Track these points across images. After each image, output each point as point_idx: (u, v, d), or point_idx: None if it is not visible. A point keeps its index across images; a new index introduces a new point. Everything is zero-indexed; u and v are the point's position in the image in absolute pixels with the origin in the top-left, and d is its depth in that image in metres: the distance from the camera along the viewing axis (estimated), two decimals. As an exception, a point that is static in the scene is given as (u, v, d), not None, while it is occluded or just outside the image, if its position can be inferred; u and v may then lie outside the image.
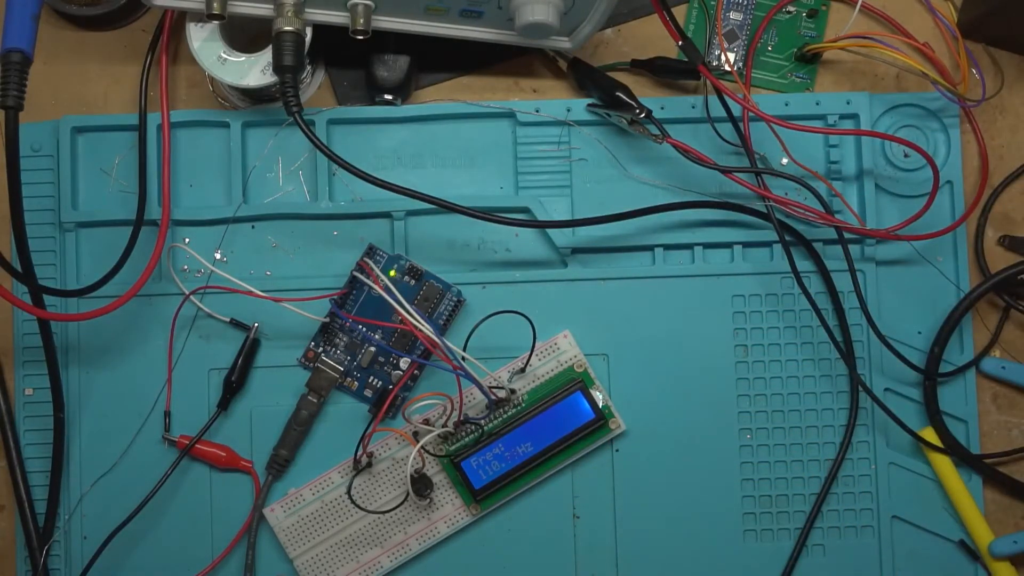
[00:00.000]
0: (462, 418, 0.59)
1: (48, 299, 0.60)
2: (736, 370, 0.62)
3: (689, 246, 0.63)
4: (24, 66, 0.52)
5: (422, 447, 0.59)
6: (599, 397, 0.61)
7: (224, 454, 0.61)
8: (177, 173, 0.62)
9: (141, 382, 0.61)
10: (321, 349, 0.62)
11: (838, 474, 0.62)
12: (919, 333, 0.63)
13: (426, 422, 0.60)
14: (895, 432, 0.62)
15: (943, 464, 0.62)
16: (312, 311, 0.60)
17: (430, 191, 0.57)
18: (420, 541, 0.61)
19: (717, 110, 0.61)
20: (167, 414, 0.61)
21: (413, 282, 0.62)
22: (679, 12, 0.65)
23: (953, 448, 0.61)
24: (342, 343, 0.62)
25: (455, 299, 0.61)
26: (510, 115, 0.63)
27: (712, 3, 0.65)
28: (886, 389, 0.63)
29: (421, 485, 0.60)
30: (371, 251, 0.62)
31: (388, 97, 0.62)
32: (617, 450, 0.62)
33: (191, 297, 0.61)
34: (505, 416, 0.61)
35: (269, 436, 0.61)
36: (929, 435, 0.62)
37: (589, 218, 0.59)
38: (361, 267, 0.61)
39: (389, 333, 0.62)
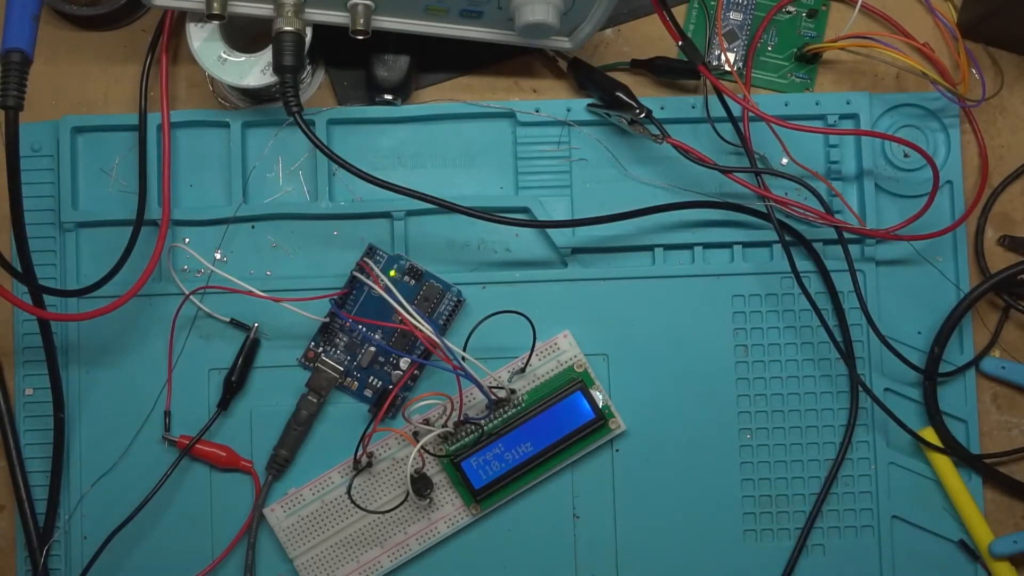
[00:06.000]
0: (462, 418, 0.59)
1: (48, 299, 0.60)
2: (736, 370, 0.62)
3: (689, 246, 0.63)
4: (24, 66, 0.52)
5: (422, 447, 0.59)
6: (599, 397, 0.61)
7: (224, 454, 0.61)
8: (177, 173, 0.62)
9: (141, 382, 0.61)
10: (321, 349, 0.62)
11: (838, 474, 0.62)
12: (919, 333, 0.63)
13: (426, 422, 0.60)
14: (895, 432, 0.62)
15: (943, 464, 0.62)
16: (312, 311, 0.60)
17: (430, 191, 0.57)
18: (420, 541, 0.61)
19: (717, 110, 0.61)
20: (167, 414, 0.61)
21: (413, 282, 0.62)
22: (679, 12, 0.65)
23: (953, 448, 0.61)
24: (342, 343, 0.62)
25: (455, 299, 0.61)
26: (510, 115, 0.63)
27: (712, 3, 0.65)
28: (886, 389, 0.63)
29: (421, 485, 0.60)
30: (371, 251, 0.62)
31: (388, 97, 0.62)
32: (617, 450, 0.62)
33: (191, 297, 0.61)
34: (505, 416, 0.61)
35: (269, 436, 0.61)
36: (929, 435, 0.62)
37: (589, 218, 0.59)
38: (361, 267, 0.61)
39: (389, 333, 0.62)
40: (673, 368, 0.62)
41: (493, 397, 0.59)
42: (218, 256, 0.62)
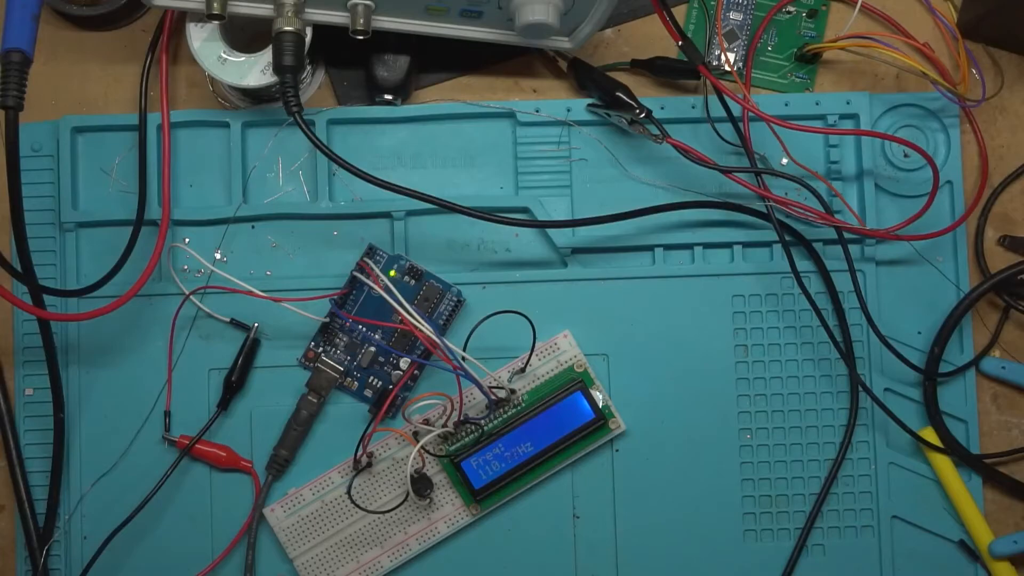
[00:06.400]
0: (462, 418, 0.59)
1: (48, 299, 0.60)
2: (736, 370, 0.62)
3: (689, 246, 0.63)
4: (24, 66, 0.52)
5: (422, 447, 0.59)
6: (599, 397, 0.61)
7: (224, 454, 0.61)
8: (177, 173, 0.62)
9: (141, 382, 0.61)
10: (321, 349, 0.62)
11: (838, 474, 0.62)
12: (919, 333, 0.63)
13: (426, 422, 0.60)
14: (895, 432, 0.62)
15: (943, 464, 0.62)
16: (312, 311, 0.60)
17: (430, 191, 0.57)
18: (420, 541, 0.61)
19: (717, 110, 0.61)
20: (167, 414, 0.61)
21: (413, 282, 0.62)
22: (679, 12, 0.65)
23: (953, 448, 0.61)
24: (342, 343, 0.62)
25: (455, 299, 0.61)
26: (510, 115, 0.63)
27: (712, 3, 0.65)
28: (886, 389, 0.63)
29: (421, 485, 0.60)
30: (371, 251, 0.62)
31: (388, 97, 0.62)
32: (617, 450, 0.62)
33: (191, 297, 0.61)
34: (505, 416, 0.61)
35: (269, 436, 0.61)
36: (929, 435, 0.62)
37: (589, 218, 0.59)
38: (361, 267, 0.61)
39: (389, 333, 0.62)
40: (673, 368, 0.62)
41: (493, 397, 0.59)
42: (218, 256, 0.62)
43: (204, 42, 0.58)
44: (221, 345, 0.62)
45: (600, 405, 0.61)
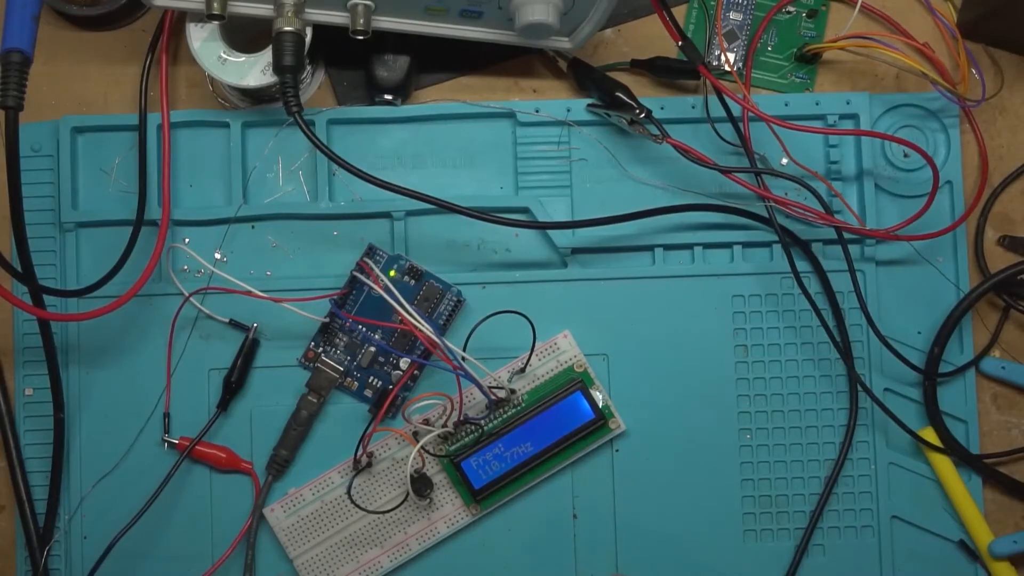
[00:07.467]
0: (462, 418, 0.59)
1: (48, 299, 0.60)
2: (736, 370, 0.62)
3: (689, 246, 0.63)
4: (24, 66, 0.52)
5: (422, 447, 0.59)
6: (599, 397, 0.61)
7: (224, 455, 0.61)
8: (177, 173, 0.62)
9: (141, 382, 0.61)
10: (321, 349, 0.62)
11: (839, 474, 0.62)
12: (919, 333, 0.63)
13: (426, 422, 0.60)
14: (895, 432, 0.62)
15: (943, 464, 0.62)
16: (312, 311, 0.60)
17: (430, 191, 0.57)
18: (420, 541, 0.61)
19: (717, 110, 0.61)
20: (166, 416, 0.61)
21: (413, 282, 0.62)
22: (679, 12, 0.65)
23: (953, 448, 0.61)
24: (342, 343, 0.62)
25: (455, 299, 0.61)
26: (510, 115, 0.63)
27: (712, 3, 0.65)
28: (886, 389, 0.63)
29: (421, 485, 0.60)
30: (371, 251, 0.62)
31: (388, 97, 0.62)
32: (617, 450, 0.62)
33: (191, 298, 0.61)
34: (505, 416, 0.61)
35: (269, 436, 0.61)
36: (929, 435, 0.62)
37: (589, 219, 0.59)
38: (361, 267, 0.61)
39: (389, 333, 0.62)
40: (673, 368, 0.62)
41: (493, 397, 0.59)
42: (218, 256, 0.62)
43: (204, 42, 0.58)
44: (221, 345, 0.62)
45: (600, 405, 0.61)
